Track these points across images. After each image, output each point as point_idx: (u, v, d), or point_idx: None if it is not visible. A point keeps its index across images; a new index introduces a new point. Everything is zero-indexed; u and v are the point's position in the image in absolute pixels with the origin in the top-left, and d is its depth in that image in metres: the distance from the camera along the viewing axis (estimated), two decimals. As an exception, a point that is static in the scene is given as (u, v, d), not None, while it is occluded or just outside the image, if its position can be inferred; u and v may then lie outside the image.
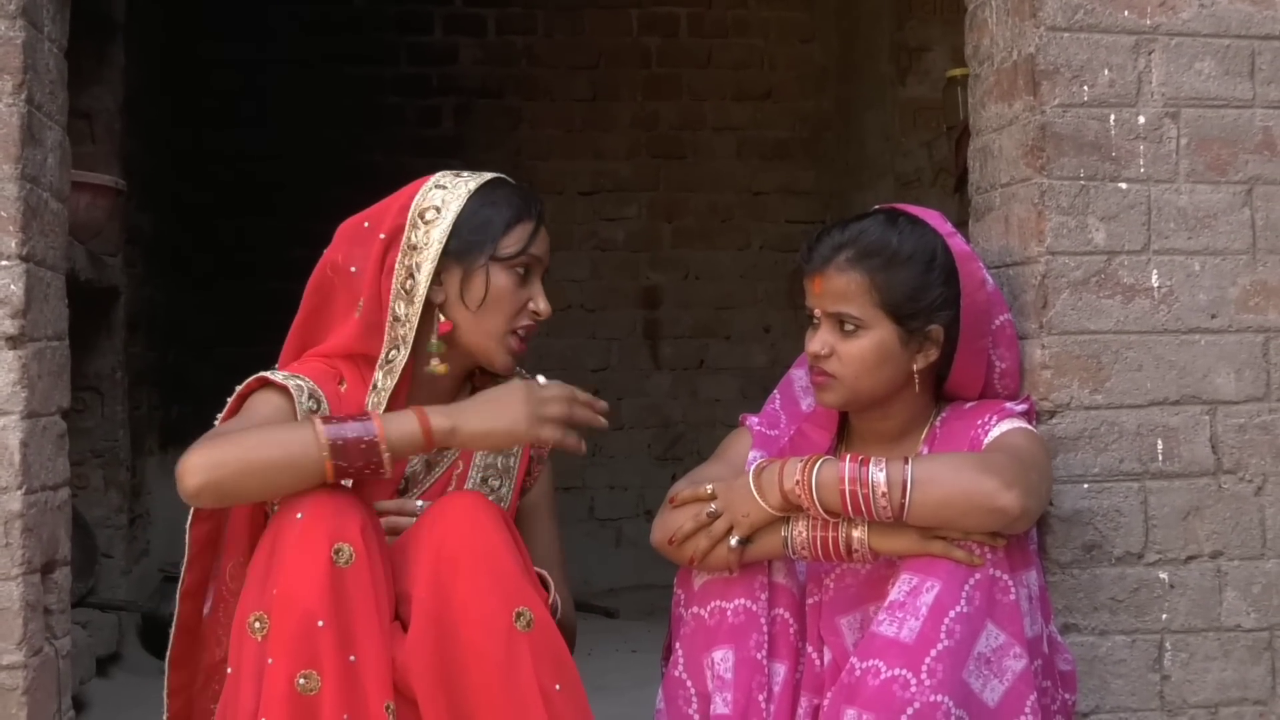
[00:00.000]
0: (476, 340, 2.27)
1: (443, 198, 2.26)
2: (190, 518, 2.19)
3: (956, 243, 2.31)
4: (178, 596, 2.22)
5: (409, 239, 2.24)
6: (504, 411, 2.11)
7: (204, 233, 5.84)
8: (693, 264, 6.31)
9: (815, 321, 2.30)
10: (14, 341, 2.17)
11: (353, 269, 2.27)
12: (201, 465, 2.00)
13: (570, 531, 5.54)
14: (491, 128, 6.16)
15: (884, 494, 2.07)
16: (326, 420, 2.05)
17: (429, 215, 2.25)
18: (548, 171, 6.16)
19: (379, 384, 2.25)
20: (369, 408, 2.23)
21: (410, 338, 2.24)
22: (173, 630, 2.23)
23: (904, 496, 2.06)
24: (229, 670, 2.05)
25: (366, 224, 2.28)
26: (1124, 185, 2.46)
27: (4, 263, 2.17)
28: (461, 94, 6.18)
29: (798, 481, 2.11)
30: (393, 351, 2.25)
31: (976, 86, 2.68)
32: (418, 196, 2.27)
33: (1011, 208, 2.53)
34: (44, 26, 2.29)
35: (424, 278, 2.22)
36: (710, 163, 6.29)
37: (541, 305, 2.29)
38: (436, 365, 2.26)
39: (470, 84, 6.19)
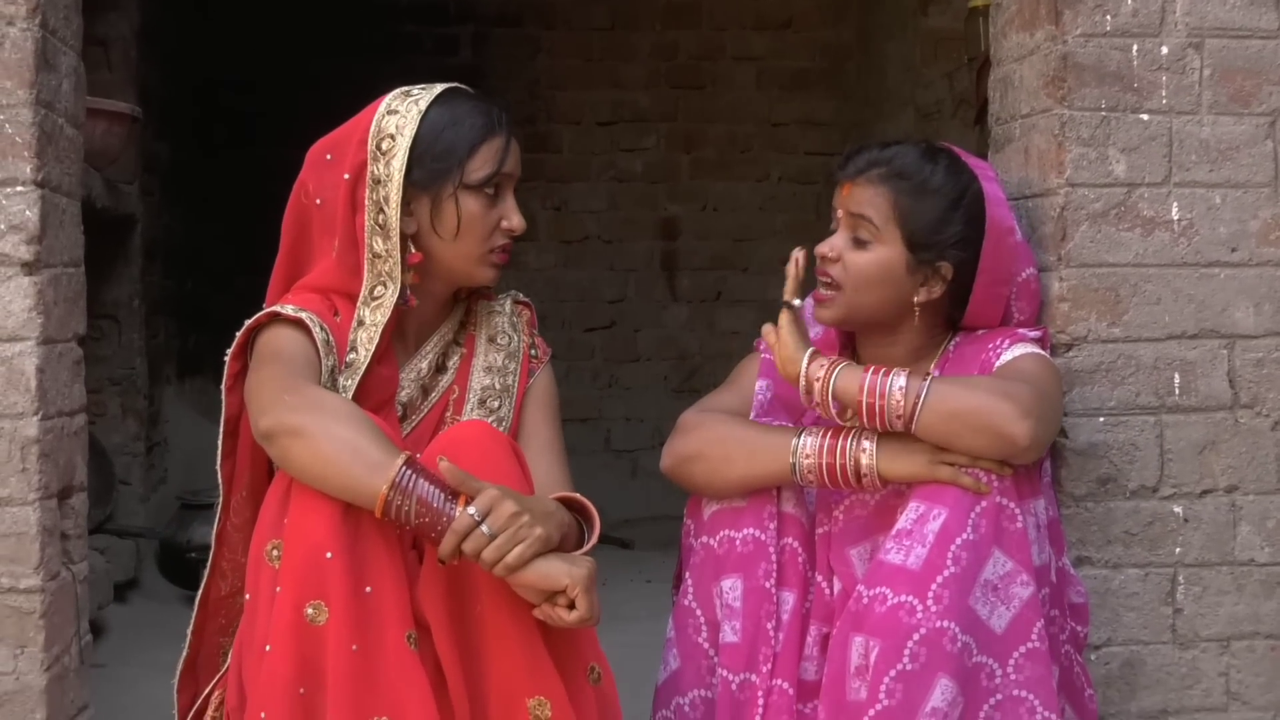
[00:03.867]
0: (456, 266, 2.24)
1: (396, 124, 2.20)
2: (219, 456, 2.18)
3: (992, 188, 2.30)
4: (214, 538, 2.20)
5: (373, 173, 2.18)
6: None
7: (222, 161, 5.82)
8: (711, 195, 6.28)
9: (834, 230, 2.30)
10: (30, 267, 2.16)
11: (318, 201, 2.22)
12: (281, 426, 1.97)
13: (586, 463, 5.59)
14: (510, 57, 6.12)
15: (900, 388, 2.06)
16: (412, 463, 1.94)
17: (385, 145, 2.19)
18: (566, 101, 6.13)
19: (366, 320, 2.19)
20: (357, 343, 2.18)
21: (397, 272, 2.19)
22: (207, 571, 2.22)
23: (919, 398, 2.06)
24: (247, 597, 2.04)
25: (329, 156, 2.23)
26: (1145, 116, 2.43)
27: (19, 188, 2.16)
28: (480, 22, 6.14)
29: (818, 379, 2.12)
30: (379, 288, 2.20)
31: (998, 15, 2.65)
32: (373, 126, 2.21)
33: (1031, 139, 2.50)
34: (57, -50, 2.27)
35: (393, 211, 2.17)
36: (729, 93, 6.25)
37: (515, 221, 2.24)
38: (410, 300, 2.21)
39: (488, 12, 6.14)
